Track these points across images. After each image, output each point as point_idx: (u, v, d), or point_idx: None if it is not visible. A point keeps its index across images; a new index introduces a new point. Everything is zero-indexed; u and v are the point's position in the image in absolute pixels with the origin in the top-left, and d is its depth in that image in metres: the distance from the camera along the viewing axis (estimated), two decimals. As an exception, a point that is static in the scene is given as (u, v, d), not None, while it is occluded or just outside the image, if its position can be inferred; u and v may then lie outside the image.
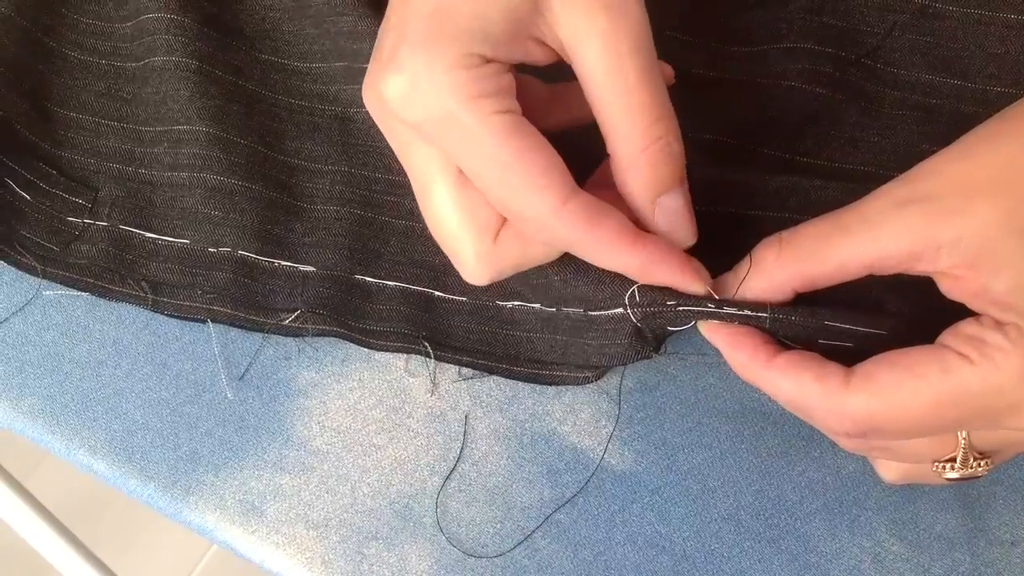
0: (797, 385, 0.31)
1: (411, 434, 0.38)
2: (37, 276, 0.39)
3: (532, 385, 0.38)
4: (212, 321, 0.39)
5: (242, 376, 0.38)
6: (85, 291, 0.39)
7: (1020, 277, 0.29)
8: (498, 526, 0.36)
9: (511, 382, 0.38)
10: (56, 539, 0.63)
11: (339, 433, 0.38)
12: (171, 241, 0.39)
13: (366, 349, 0.39)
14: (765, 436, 0.37)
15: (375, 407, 0.38)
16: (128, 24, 0.42)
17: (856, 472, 0.36)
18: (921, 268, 0.30)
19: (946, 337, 0.30)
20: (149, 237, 0.40)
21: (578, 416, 0.38)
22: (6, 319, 0.40)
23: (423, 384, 0.38)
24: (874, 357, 0.31)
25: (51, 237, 0.39)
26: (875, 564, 0.35)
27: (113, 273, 0.39)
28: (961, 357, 0.29)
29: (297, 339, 0.39)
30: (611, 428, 0.38)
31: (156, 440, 0.38)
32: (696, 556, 0.36)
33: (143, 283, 0.39)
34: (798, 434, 0.37)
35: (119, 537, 1.04)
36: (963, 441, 0.31)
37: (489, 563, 0.36)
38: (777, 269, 0.32)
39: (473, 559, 0.36)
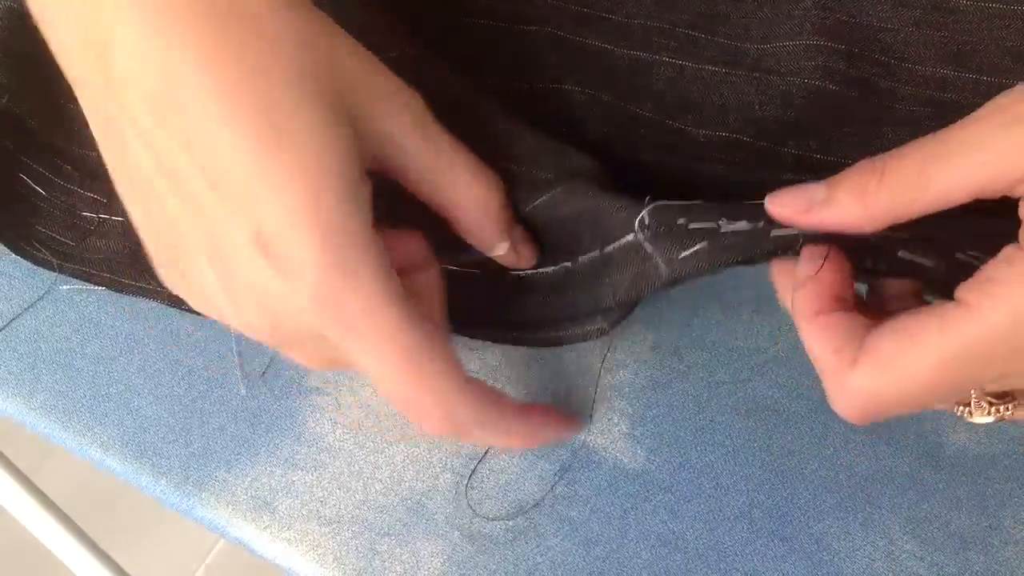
0: (821, 351, 0.30)
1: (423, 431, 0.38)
2: (53, 271, 0.39)
3: (545, 382, 0.38)
4: None
5: (263, 373, 0.38)
6: (101, 286, 0.39)
7: None
8: (510, 523, 0.36)
9: (525, 381, 0.38)
10: (64, 533, 0.63)
11: (351, 430, 0.38)
12: None
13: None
14: (777, 434, 0.37)
15: (387, 403, 0.38)
16: None
17: (869, 470, 0.36)
18: (1015, 188, 0.28)
19: (959, 289, 0.28)
20: None
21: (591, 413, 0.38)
22: (19, 315, 0.40)
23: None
24: (881, 326, 0.29)
25: (66, 232, 0.39)
26: (888, 562, 0.35)
27: (129, 268, 0.39)
28: (959, 306, 0.28)
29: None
30: (624, 426, 0.38)
31: (168, 436, 0.38)
32: (708, 554, 0.36)
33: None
34: (811, 431, 0.37)
35: (127, 531, 1.04)
36: (974, 396, 0.30)
37: (501, 559, 0.36)
38: (877, 195, 0.29)
39: (485, 556, 0.36)
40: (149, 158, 0.28)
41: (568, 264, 0.36)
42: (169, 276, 0.31)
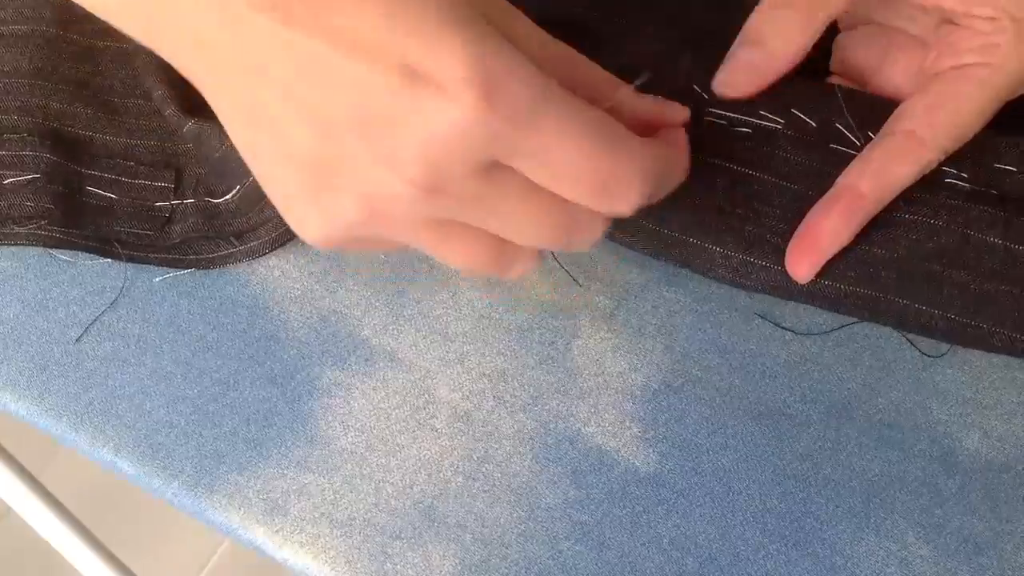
0: (902, 177, 0.35)
1: (435, 434, 0.38)
2: (121, 260, 0.40)
3: (557, 385, 0.38)
4: None
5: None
6: (189, 268, 0.40)
7: None
8: (522, 527, 0.36)
9: (536, 382, 0.38)
10: (69, 533, 0.63)
11: (363, 432, 0.38)
12: (239, 192, 0.40)
13: (390, 348, 0.39)
14: (790, 438, 0.37)
15: (399, 406, 0.38)
16: None
17: (882, 475, 0.36)
18: None
19: (946, 60, 0.35)
20: (225, 200, 0.40)
21: (602, 417, 0.38)
22: (102, 312, 0.40)
23: (447, 383, 0.38)
24: (912, 105, 0.35)
25: (144, 224, 0.40)
26: (901, 568, 0.35)
27: (206, 240, 0.40)
28: (983, 66, 0.34)
29: (320, 339, 0.39)
30: (636, 429, 0.37)
31: (180, 439, 0.38)
32: (721, 558, 0.36)
33: (231, 238, 0.40)
34: (824, 436, 0.37)
35: (132, 531, 1.04)
36: None
37: (512, 563, 0.36)
38: (799, 32, 0.35)
39: (497, 559, 0.36)
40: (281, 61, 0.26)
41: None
42: (300, 198, 0.28)
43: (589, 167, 0.27)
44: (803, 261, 0.36)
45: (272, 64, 0.26)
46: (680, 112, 0.33)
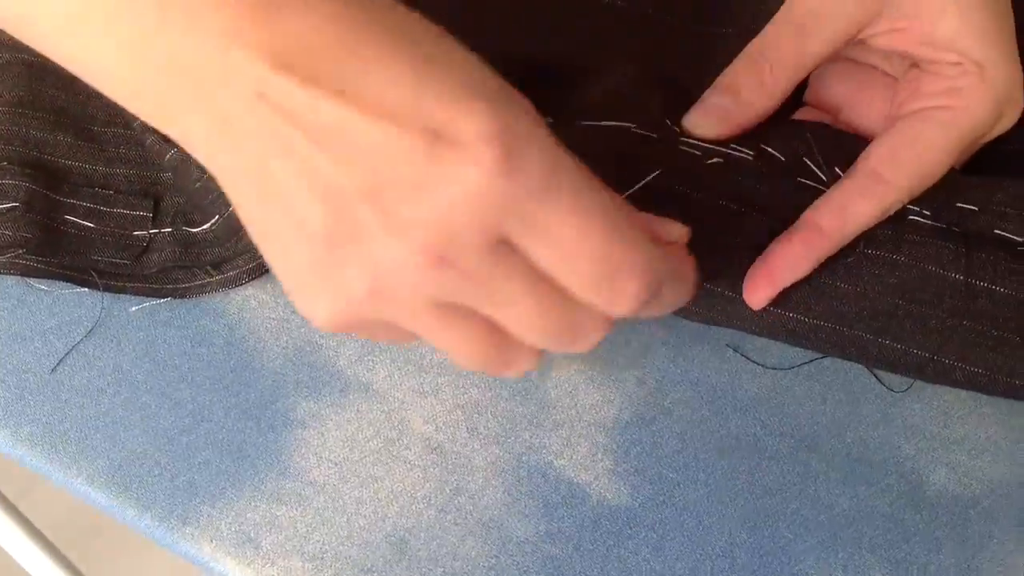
0: (860, 222, 0.36)
1: (408, 466, 0.38)
2: (98, 290, 0.40)
3: (530, 417, 0.38)
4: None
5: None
6: (165, 297, 0.40)
7: (960, 18, 0.35)
8: (493, 560, 0.36)
9: (509, 414, 0.38)
10: (49, 562, 0.63)
11: (336, 464, 0.38)
12: (218, 221, 0.40)
13: (365, 379, 0.39)
14: (760, 472, 0.37)
15: (372, 438, 0.38)
16: None
17: (851, 511, 0.37)
18: (865, 33, 0.36)
19: (913, 103, 0.36)
20: (203, 229, 0.41)
21: (575, 450, 0.38)
22: (79, 341, 0.40)
23: (421, 414, 0.39)
24: (877, 147, 0.36)
25: (121, 253, 0.40)
26: (869, 602, 0.35)
27: (183, 270, 0.41)
28: (947, 110, 0.35)
29: (296, 369, 0.39)
30: (608, 462, 0.38)
31: (154, 469, 0.38)
32: (691, 592, 0.36)
33: (208, 268, 0.40)
34: (793, 471, 0.37)
35: (112, 560, 1.03)
36: None
37: (484, 596, 0.36)
38: (773, 84, 0.36)
39: (468, 592, 0.36)
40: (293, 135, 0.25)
41: None
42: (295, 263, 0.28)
43: (595, 250, 0.26)
44: (759, 289, 0.36)
45: (290, 131, 0.25)
46: (679, 230, 0.32)
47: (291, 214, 0.26)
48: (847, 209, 0.35)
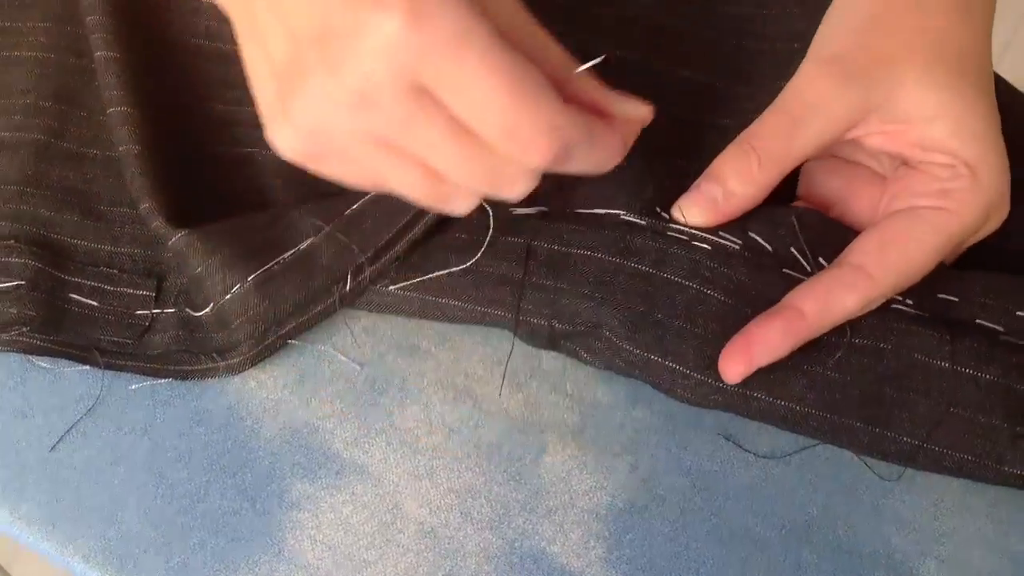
0: (841, 311, 0.36)
1: (401, 550, 0.38)
2: (99, 368, 0.41)
3: (523, 503, 0.39)
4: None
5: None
6: (167, 377, 0.41)
7: (954, 122, 0.35)
8: (485, 647, 0.37)
9: (503, 499, 0.39)
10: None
11: (330, 548, 0.38)
12: (214, 308, 0.41)
13: (360, 461, 0.39)
14: (752, 562, 0.38)
15: (367, 521, 0.39)
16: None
17: (841, 603, 0.37)
18: (854, 133, 0.37)
19: (903, 200, 0.37)
20: (204, 313, 0.41)
21: (568, 537, 0.38)
22: (77, 420, 0.40)
23: (415, 498, 0.39)
24: (866, 241, 0.37)
25: (124, 332, 0.41)
26: None
27: (186, 354, 0.41)
28: (938, 211, 0.36)
29: (292, 451, 0.40)
30: (600, 550, 0.38)
31: (149, 550, 0.38)
32: None
33: (213, 355, 0.41)
34: (783, 560, 0.38)
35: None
36: None
37: None
38: (761, 174, 0.37)
39: None
40: None
41: None
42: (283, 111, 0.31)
43: (500, 108, 0.29)
44: (733, 365, 0.37)
45: None
46: (638, 110, 0.34)
47: (263, 48, 0.31)
48: (831, 299, 0.36)
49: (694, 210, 0.38)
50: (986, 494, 0.38)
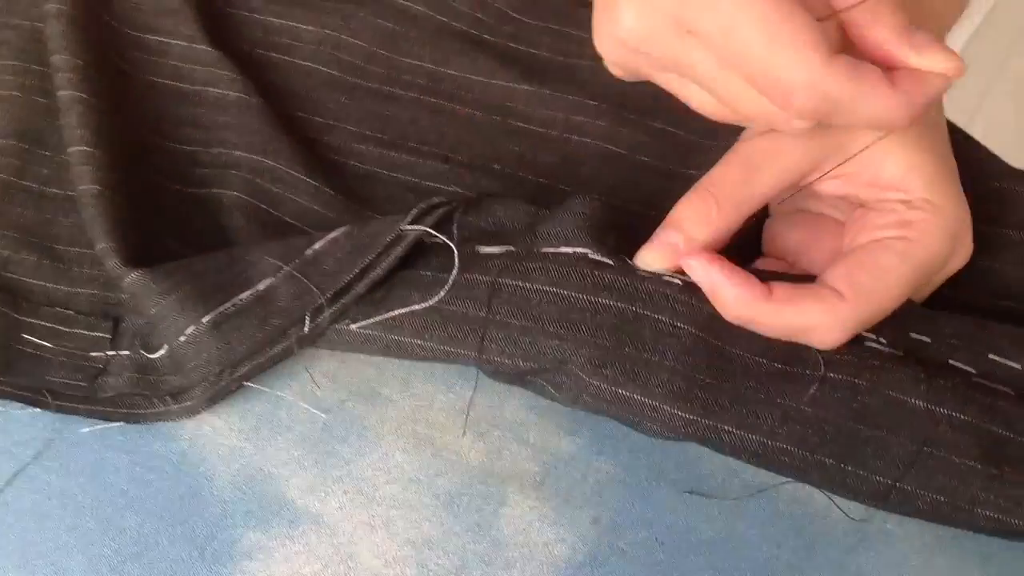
0: (800, 312, 0.35)
1: (355, 603, 0.37)
2: (50, 410, 0.40)
3: (481, 555, 0.38)
4: None
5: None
6: (119, 421, 0.40)
7: (908, 160, 0.36)
8: None
9: (461, 551, 0.38)
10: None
11: (281, 599, 0.37)
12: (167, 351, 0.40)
13: (315, 510, 0.38)
14: (713, 619, 0.37)
15: (320, 572, 0.38)
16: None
17: (803, 663, 0.36)
18: (810, 178, 0.38)
19: (864, 236, 0.37)
20: (159, 356, 0.40)
21: (525, 591, 0.37)
22: (26, 464, 0.39)
23: (370, 549, 0.38)
24: (833, 269, 0.36)
25: (76, 374, 0.40)
26: None
27: (139, 396, 0.40)
28: (902, 239, 0.36)
29: (245, 499, 0.39)
30: (558, 605, 0.37)
31: (93, 600, 0.37)
32: None
33: (167, 397, 0.40)
34: (747, 618, 0.37)
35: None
36: None
37: None
38: (719, 220, 0.37)
39: None
40: None
41: None
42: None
43: (755, 57, 0.30)
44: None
45: None
46: (941, 62, 0.32)
47: None
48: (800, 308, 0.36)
49: (655, 255, 0.38)
50: (949, 552, 0.38)
